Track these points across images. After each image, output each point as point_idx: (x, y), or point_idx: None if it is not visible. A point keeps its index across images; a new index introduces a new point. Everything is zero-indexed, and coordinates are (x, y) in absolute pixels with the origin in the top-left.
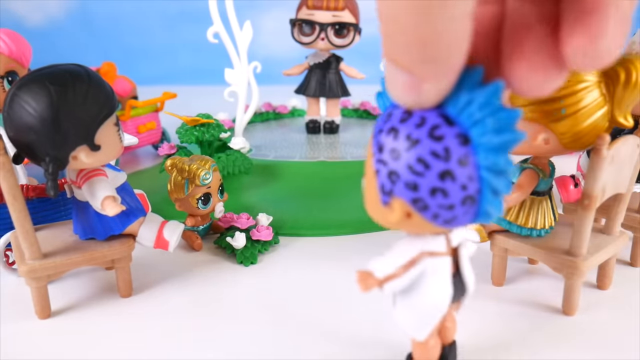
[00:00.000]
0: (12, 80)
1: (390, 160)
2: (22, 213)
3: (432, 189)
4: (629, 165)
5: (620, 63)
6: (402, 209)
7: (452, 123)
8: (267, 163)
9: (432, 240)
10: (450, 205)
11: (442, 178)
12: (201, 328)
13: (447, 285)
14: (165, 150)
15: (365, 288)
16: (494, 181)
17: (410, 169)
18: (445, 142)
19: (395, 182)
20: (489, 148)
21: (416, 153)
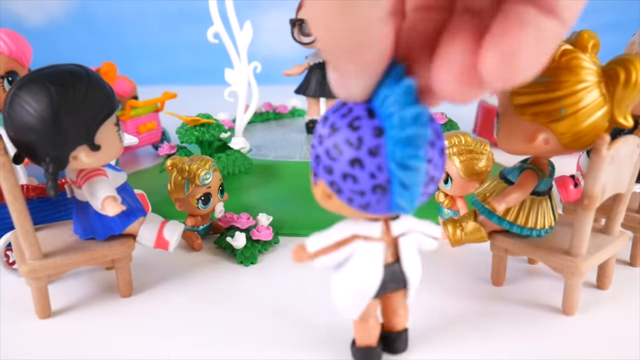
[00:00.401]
0: (12, 80)
1: (317, 144)
2: (22, 213)
3: (343, 174)
4: (628, 165)
5: (621, 63)
6: (323, 189)
7: (373, 116)
8: (267, 163)
9: (367, 226)
10: (361, 192)
11: (352, 165)
12: (201, 328)
13: (375, 270)
14: (165, 150)
15: (297, 259)
16: (400, 174)
17: (328, 154)
18: (361, 132)
19: (318, 164)
20: (395, 141)
21: (333, 140)
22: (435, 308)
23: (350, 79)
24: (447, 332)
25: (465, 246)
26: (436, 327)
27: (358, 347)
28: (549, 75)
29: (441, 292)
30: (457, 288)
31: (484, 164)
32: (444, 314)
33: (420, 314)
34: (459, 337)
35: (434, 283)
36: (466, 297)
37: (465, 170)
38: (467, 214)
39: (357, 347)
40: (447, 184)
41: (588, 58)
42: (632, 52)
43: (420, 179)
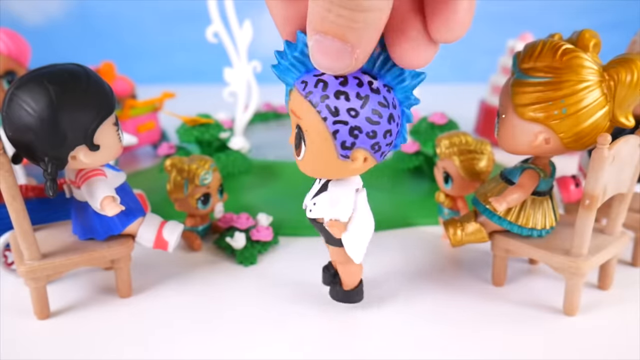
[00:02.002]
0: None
1: (349, 119)
2: (21, 213)
3: (384, 132)
4: (630, 165)
5: (622, 62)
6: (363, 156)
7: (375, 77)
8: (267, 163)
9: (356, 179)
10: (391, 142)
11: (390, 121)
12: (201, 328)
13: (369, 211)
14: (164, 150)
15: (339, 233)
16: (409, 113)
17: (369, 121)
18: (382, 93)
19: (357, 135)
20: (406, 89)
21: (370, 106)
22: (436, 308)
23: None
24: (448, 332)
25: (465, 246)
26: (436, 327)
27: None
28: (550, 74)
29: (441, 291)
30: (458, 288)
31: (484, 164)
32: (444, 314)
33: (421, 313)
34: (459, 337)
35: (434, 283)
36: (466, 297)
37: (466, 170)
38: (467, 214)
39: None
40: (448, 184)
41: (589, 57)
42: (634, 52)
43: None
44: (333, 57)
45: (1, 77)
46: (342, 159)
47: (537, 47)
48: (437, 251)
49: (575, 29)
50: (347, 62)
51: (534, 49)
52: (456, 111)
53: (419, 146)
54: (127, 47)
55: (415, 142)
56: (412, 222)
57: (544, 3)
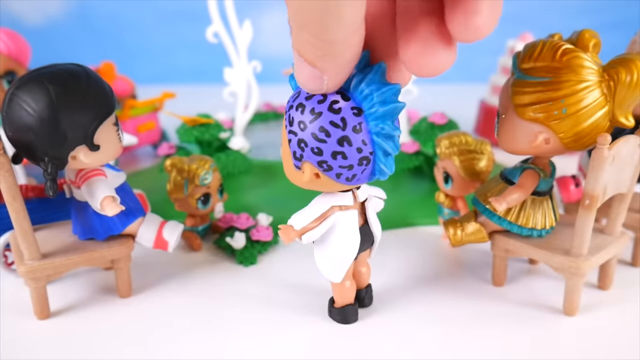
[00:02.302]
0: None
1: (299, 131)
2: (21, 213)
3: (333, 153)
4: (630, 165)
5: (622, 62)
6: (311, 170)
7: (347, 98)
8: (267, 163)
9: (341, 197)
10: (350, 166)
11: (341, 143)
12: (200, 328)
13: (355, 233)
14: (164, 150)
15: (287, 240)
16: (383, 143)
17: (315, 137)
18: (342, 113)
19: (304, 148)
20: (377, 117)
21: (319, 123)
22: (436, 308)
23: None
24: (447, 331)
25: (465, 246)
26: (436, 327)
27: (339, 307)
28: (550, 74)
29: (441, 291)
30: (457, 288)
31: (484, 164)
32: (444, 314)
33: (420, 313)
34: (459, 337)
35: (434, 283)
36: (466, 297)
37: (466, 170)
38: (467, 214)
39: (339, 307)
40: (448, 184)
41: (589, 57)
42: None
43: (397, 146)
44: (306, 79)
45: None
46: (296, 168)
47: (537, 47)
48: (437, 251)
49: (575, 29)
50: (317, 86)
51: (534, 49)
52: (456, 111)
53: (419, 146)
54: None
55: (415, 142)
56: (412, 222)
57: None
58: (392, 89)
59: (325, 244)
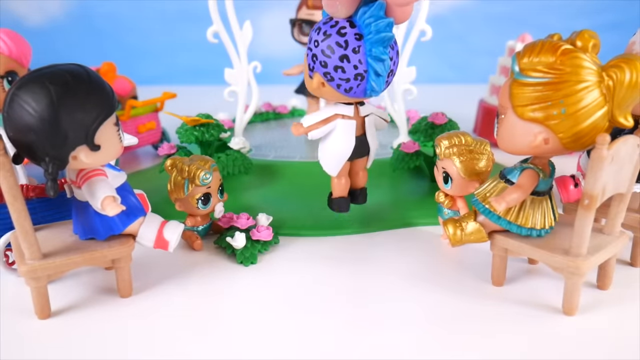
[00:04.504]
0: (12, 80)
1: (313, 47)
2: (21, 213)
3: (335, 66)
4: (629, 165)
5: (621, 63)
6: (319, 79)
7: (354, 26)
8: (267, 163)
9: (344, 107)
10: (347, 79)
11: (341, 60)
12: (201, 328)
13: (350, 139)
14: (165, 150)
15: (296, 133)
16: (374, 65)
17: (323, 53)
18: (346, 37)
19: (315, 61)
20: (372, 42)
21: (327, 42)
22: (435, 307)
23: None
24: (447, 331)
25: (465, 246)
26: (436, 327)
27: (334, 197)
28: (549, 75)
29: (441, 291)
30: (457, 288)
31: (484, 164)
32: (444, 314)
33: (420, 313)
34: (458, 337)
35: (434, 283)
36: (466, 297)
37: (465, 170)
38: (467, 214)
39: (334, 198)
40: (447, 184)
41: (588, 58)
42: (633, 52)
43: (386, 69)
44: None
45: (2, 78)
46: (309, 77)
47: (536, 47)
48: (436, 251)
49: (575, 29)
50: (333, 9)
51: (534, 49)
52: (456, 111)
53: (419, 146)
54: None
55: (415, 142)
56: (412, 222)
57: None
58: (386, 21)
59: (327, 143)
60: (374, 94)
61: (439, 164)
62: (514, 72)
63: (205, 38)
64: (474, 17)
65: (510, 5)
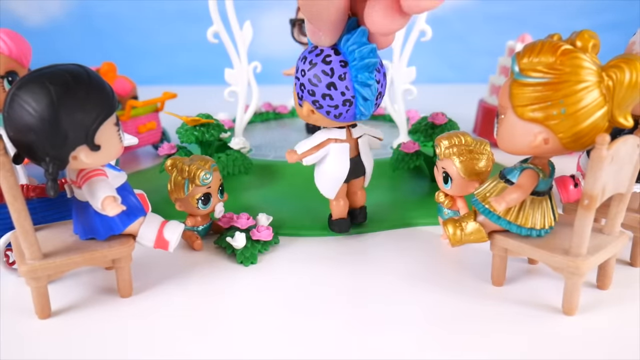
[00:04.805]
0: (12, 80)
1: (300, 76)
2: (22, 213)
3: (322, 94)
4: (628, 165)
5: (620, 63)
6: (308, 107)
7: (338, 53)
8: (267, 163)
9: (337, 131)
10: (336, 105)
11: (328, 87)
12: (201, 328)
13: (344, 162)
14: (165, 150)
15: (290, 160)
16: (361, 90)
17: (310, 82)
18: (332, 65)
19: (303, 90)
20: (357, 68)
21: (314, 71)
22: (435, 307)
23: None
24: (447, 331)
25: (465, 246)
26: (436, 327)
27: (334, 219)
28: (549, 75)
29: (441, 291)
30: (457, 288)
31: (484, 164)
32: (444, 314)
33: (420, 313)
34: (458, 337)
35: (434, 283)
36: (466, 297)
37: (465, 170)
38: (467, 214)
39: (334, 220)
40: (447, 184)
41: (588, 58)
42: (633, 52)
43: (374, 93)
44: (310, 34)
45: (2, 78)
46: (299, 104)
47: (536, 47)
48: (436, 251)
49: (575, 29)
50: (317, 39)
51: (533, 49)
52: (456, 111)
53: (419, 146)
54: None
55: (415, 142)
56: (412, 222)
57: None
58: (369, 47)
59: (322, 168)
60: (363, 117)
61: (439, 164)
62: (514, 72)
63: (205, 38)
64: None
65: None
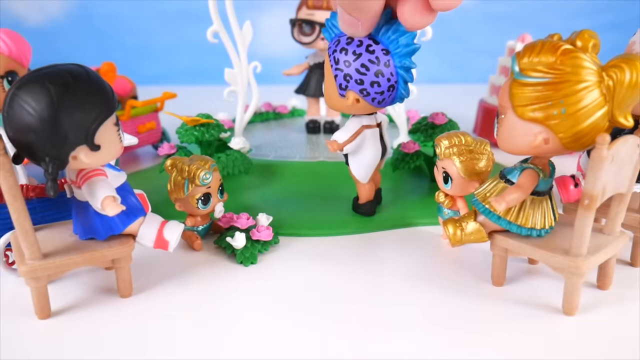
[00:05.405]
0: (12, 80)
1: (344, 67)
2: (21, 213)
3: (371, 82)
4: (629, 165)
5: (621, 63)
6: (354, 96)
7: (377, 42)
8: (267, 163)
9: (367, 118)
10: (382, 92)
11: (377, 75)
12: (201, 328)
13: (377, 145)
14: (165, 150)
15: (333, 149)
16: (405, 74)
17: (358, 71)
18: (376, 54)
19: (349, 81)
20: (401, 55)
21: (360, 61)
22: (435, 307)
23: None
24: (447, 331)
25: (465, 246)
26: (436, 327)
27: (364, 202)
28: (549, 75)
29: (441, 291)
30: (457, 288)
31: (484, 164)
32: (444, 314)
33: (420, 313)
34: (458, 337)
35: (433, 283)
36: (466, 297)
37: (466, 170)
38: (467, 214)
39: (363, 203)
40: (447, 184)
41: (588, 58)
42: (633, 52)
43: (412, 76)
44: (347, 25)
45: (2, 78)
46: (340, 96)
47: (536, 47)
48: (437, 251)
49: (575, 29)
50: (355, 30)
51: (534, 49)
52: (456, 111)
53: (419, 146)
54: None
55: (415, 142)
56: (412, 222)
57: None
58: (411, 35)
59: (358, 154)
60: (399, 101)
61: (439, 164)
62: (514, 72)
63: (205, 38)
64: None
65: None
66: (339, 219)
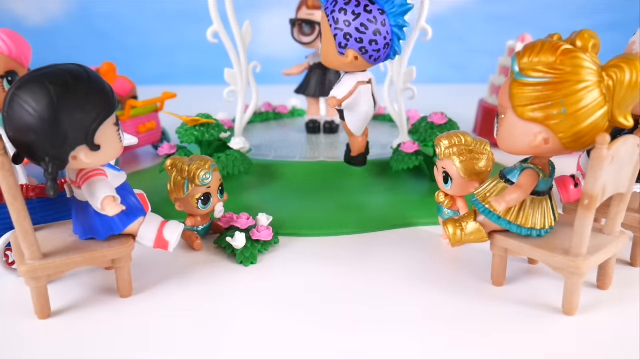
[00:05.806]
0: (12, 80)
1: (344, 27)
2: (21, 213)
3: (370, 40)
4: (629, 165)
5: (621, 63)
6: (353, 54)
7: (373, 3)
8: (267, 163)
9: (361, 75)
10: (379, 49)
11: (375, 34)
12: (201, 328)
13: (370, 100)
14: (165, 150)
15: (332, 105)
16: (399, 32)
17: (358, 30)
18: (373, 13)
19: (349, 39)
20: (396, 14)
21: (359, 20)
22: (435, 307)
23: None
24: (447, 331)
25: (465, 246)
26: (435, 327)
27: (356, 154)
28: (549, 75)
29: (441, 291)
30: (457, 288)
31: (484, 164)
32: (444, 314)
33: (420, 313)
34: (458, 337)
35: (433, 283)
36: (466, 297)
37: (466, 170)
38: (467, 214)
39: (356, 155)
40: (447, 184)
41: (588, 58)
42: (633, 52)
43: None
44: None
45: (2, 78)
46: (339, 54)
47: (536, 47)
48: (436, 251)
49: (575, 29)
50: None
51: (534, 49)
52: (456, 111)
53: (419, 146)
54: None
55: (415, 142)
56: (412, 222)
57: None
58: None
59: (354, 108)
60: (393, 57)
61: (439, 164)
62: (514, 72)
63: (205, 38)
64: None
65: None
66: (339, 219)
